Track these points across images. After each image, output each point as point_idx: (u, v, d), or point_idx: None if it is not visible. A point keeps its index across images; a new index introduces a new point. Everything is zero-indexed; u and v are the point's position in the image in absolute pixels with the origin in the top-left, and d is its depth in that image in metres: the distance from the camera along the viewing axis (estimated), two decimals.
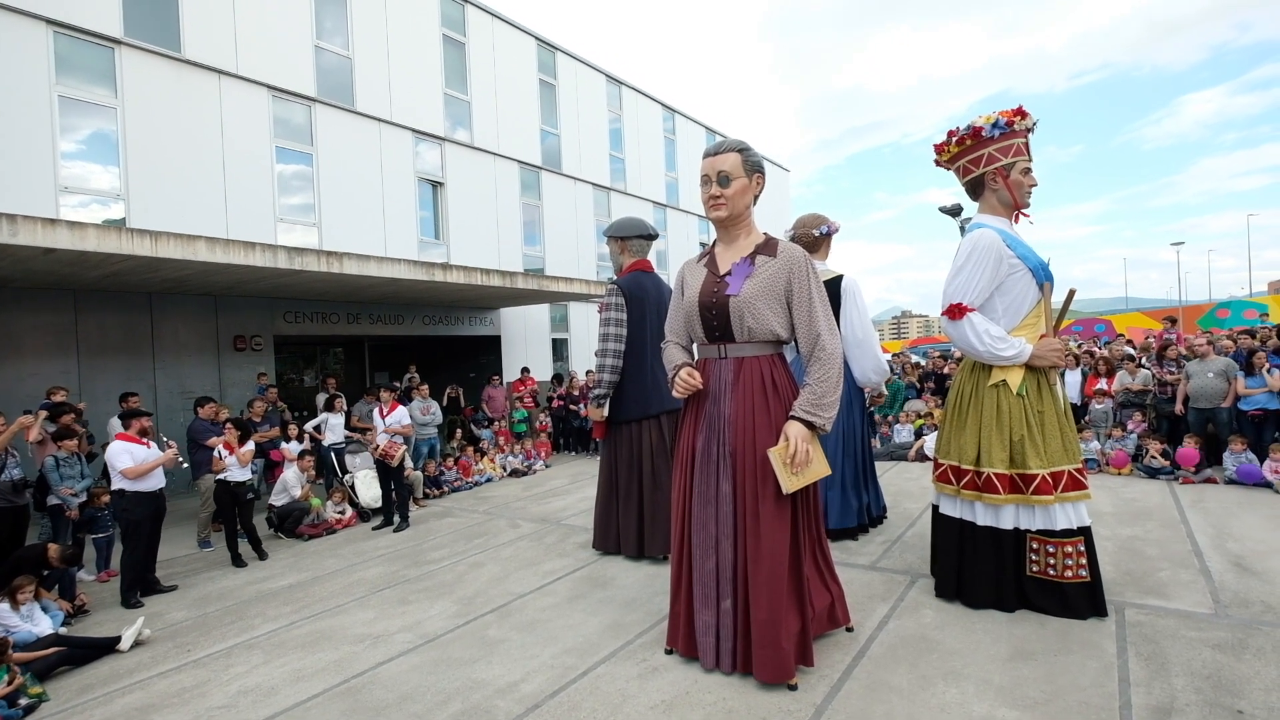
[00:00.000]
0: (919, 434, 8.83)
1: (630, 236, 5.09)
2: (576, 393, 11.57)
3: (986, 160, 3.53)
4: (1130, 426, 7.72)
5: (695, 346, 3.25)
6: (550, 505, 7.17)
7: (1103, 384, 8.53)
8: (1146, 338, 13.37)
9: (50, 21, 8.72)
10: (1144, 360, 8.77)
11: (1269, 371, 6.99)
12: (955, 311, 3.45)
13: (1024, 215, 3.63)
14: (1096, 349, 11.08)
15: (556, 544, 5.53)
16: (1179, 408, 7.62)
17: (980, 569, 3.49)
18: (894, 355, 14.90)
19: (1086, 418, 8.18)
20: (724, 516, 2.93)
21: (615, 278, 5.05)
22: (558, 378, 12.82)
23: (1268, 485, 6.11)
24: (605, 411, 4.96)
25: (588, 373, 12.12)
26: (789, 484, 2.77)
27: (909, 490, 6.37)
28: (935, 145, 3.77)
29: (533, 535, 5.92)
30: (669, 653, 3.20)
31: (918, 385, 10.50)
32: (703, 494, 3.01)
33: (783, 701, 2.71)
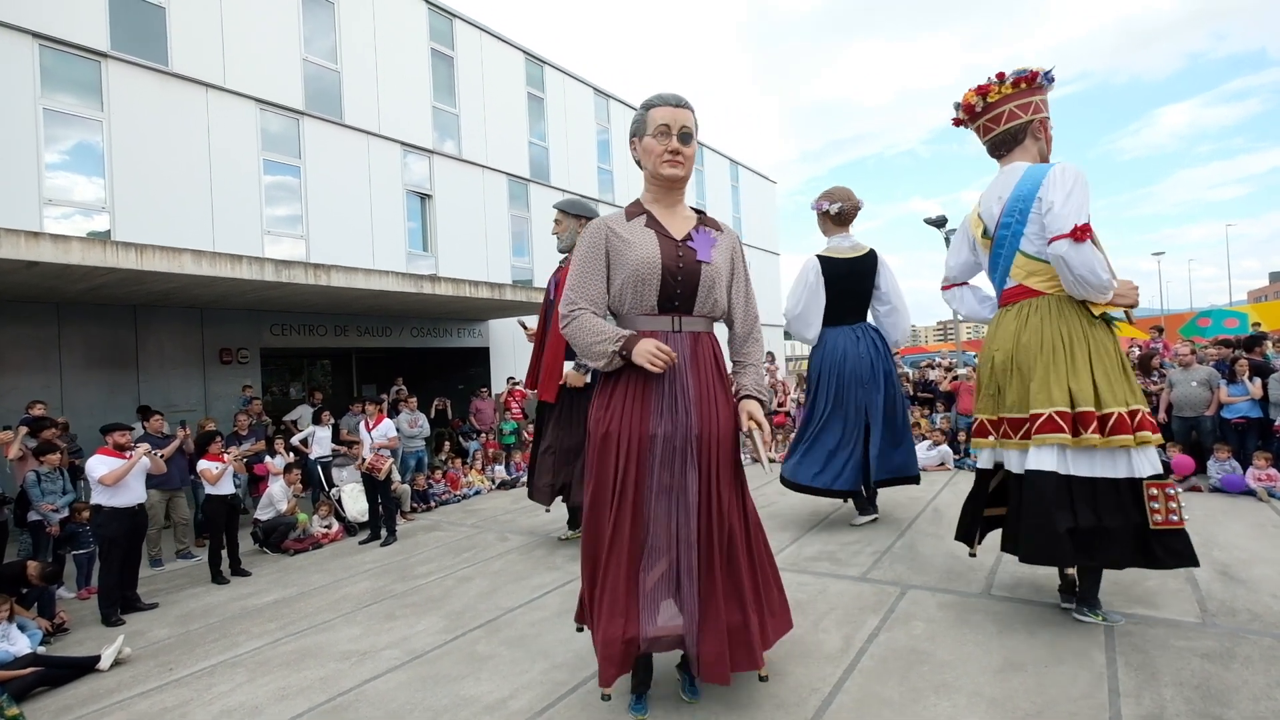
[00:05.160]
0: None
1: (586, 216, 5.49)
2: None
3: (1034, 109, 3.45)
4: None
5: (633, 318, 2.71)
6: (540, 518, 7.11)
7: None
8: (1131, 346, 13.52)
9: (36, 35, 8.68)
10: None
11: (1251, 379, 7.07)
12: (1081, 233, 3.04)
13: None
14: None
15: (546, 557, 5.49)
16: (1162, 416, 7.69)
17: (1103, 525, 3.06)
18: None
19: None
20: (688, 508, 2.59)
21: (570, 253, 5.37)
22: None
23: (1251, 493, 6.17)
24: (589, 378, 5.23)
25: None
26: (769, 465, 2.78)
27: (899, 500, 6.38)
28: (980, 87, 3.55)
29: (522, 548, 5.88)
30: (605, 699, 2.78)
31: (910, 395, 10.53)
32: (664, 485, 2.61)
33: (774, 715, 2.69)
